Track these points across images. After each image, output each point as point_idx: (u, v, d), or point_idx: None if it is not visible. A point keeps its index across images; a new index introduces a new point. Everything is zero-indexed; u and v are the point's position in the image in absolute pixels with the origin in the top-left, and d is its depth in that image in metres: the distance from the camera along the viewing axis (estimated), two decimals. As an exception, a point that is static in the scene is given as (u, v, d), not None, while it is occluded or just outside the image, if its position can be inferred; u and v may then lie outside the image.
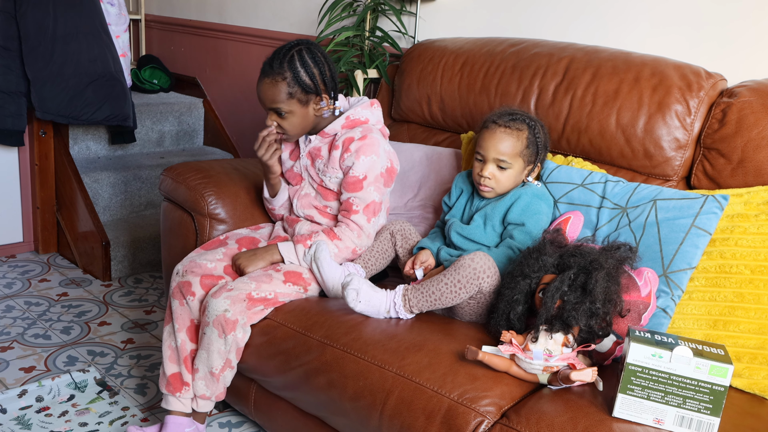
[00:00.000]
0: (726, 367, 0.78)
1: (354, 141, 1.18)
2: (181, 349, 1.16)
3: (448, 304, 1.04)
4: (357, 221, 1.19)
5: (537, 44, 1.37)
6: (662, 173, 1.20)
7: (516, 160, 1.11)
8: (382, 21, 1.80)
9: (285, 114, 1.16)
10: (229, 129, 2.41)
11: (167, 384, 1.17)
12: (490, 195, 1.14)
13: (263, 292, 1.12)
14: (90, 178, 2.01)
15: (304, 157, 1.26)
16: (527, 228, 1.09)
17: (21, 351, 1.53)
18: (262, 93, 1.16)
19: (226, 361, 1.12)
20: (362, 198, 1.19)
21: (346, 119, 1.22)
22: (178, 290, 1.18)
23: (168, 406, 1.17)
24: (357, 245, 1.19)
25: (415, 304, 1.05)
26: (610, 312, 0.92)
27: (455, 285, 1.02)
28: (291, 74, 1.14)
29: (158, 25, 2.61)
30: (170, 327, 1.18)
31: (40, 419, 1.28)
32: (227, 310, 1.09)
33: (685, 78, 1.17)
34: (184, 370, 1.16)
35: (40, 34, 1.81)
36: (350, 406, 0.98)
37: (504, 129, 1.11)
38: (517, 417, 0.86)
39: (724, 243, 1.03)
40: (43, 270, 1.97)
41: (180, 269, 1.20)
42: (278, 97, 1.14)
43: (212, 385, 1.14)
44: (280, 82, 1.14)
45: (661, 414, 0.82)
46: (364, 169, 1.18)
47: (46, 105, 1.85)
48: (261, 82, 1.16)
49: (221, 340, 1.10)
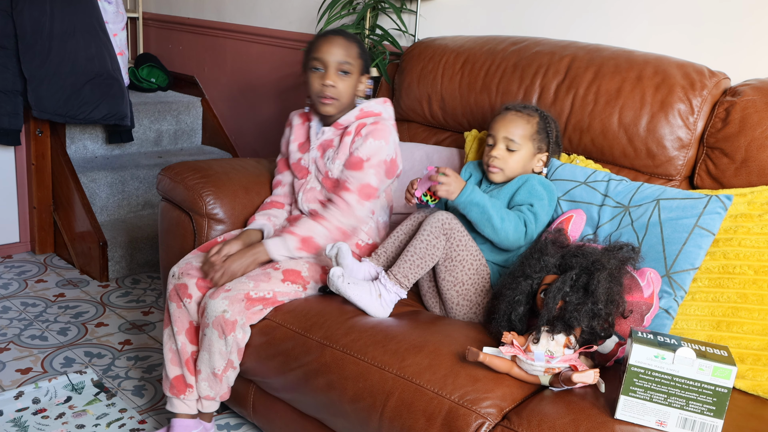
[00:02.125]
0: (729, 368, 0.77)
1: (366, 126, 1.21)
2: (182, 352, 1.15)
3: (428, 262, 1.04)
4: (347, 199, 1.18)
5: (538, 43, 1.36)
6: (665, 173, 1.19)
7: (525, 143, 1.13)
8: (382, 19, 1.79)
9: (348, 73, 1.19)
10: (228, 128, 2.40)
11: (171, 387, 1.16)
12: (498, 177, 1.15)
13: (261, 292, 1.11)
14: (87, 178, 2.00)
15: (315, 149, 1.26)
16: (534, 208, 1.10)
17: (17, 352, 1.52)
18: (336, 47, 1.18)
19: (228, 361, 1.11)
20: (358, 178, 1.19)
21: (360, 111, 1.24)
22: (175, 293, 1.17)
23: (173, 409, 1.16)
24: (343, 224, 1.18)
25: (398, 271, 1.05)
26: (612, 313, 0.91)
27: (426, 238, 1.03)
28: (358, 44, 1.23)
29: (156, 23, 2.59)
30: (169, 330, 1.18)
31: (36, 421, 1.27)
32: (226, 311, 1.08)
33: (688, 77, 1.16)
34: (187, 372, 1.15)
35: (37, 32, 1.80)
36: (350, 407, 0.97)
37: (515, 113, 1.15)
38: (519, 419, 0.85)
39: (727, 243, 1.03)
40: (40, 270, 1.96)
41: (176, 271, 1.19)
42: (351, 53, 1.20)
43: (216, 385, 1.14)
44: (353, 44, 1.21)
45: (664, 416, 0.81)
46: (369, 151, 1.19)
47: (42, 104, 1.84)
48: (332, 39, 1.19)
49: (221, 341, 1.09)
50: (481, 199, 1.05)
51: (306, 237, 1.16)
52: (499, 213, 1.06)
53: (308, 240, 1.16)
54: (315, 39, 1.22)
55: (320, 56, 1.19)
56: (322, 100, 1.20)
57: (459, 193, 1.05)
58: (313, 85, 1.20)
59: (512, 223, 1.06)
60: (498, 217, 1.06)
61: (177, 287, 1.17)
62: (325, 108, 1.21)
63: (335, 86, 1.19)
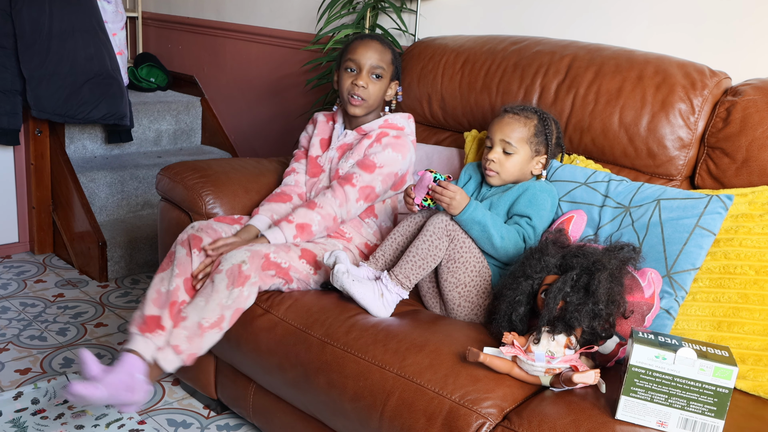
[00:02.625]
0: (730, 368, 0.77)
1: (388, 136, 1.24)
2: (171, 294, 1.09)
3: (430, 263, 1.05)
4: (347, 192, 1.20)
5: (539, 42, 1.36)
6: (666, 173, 1.19)
7: (522, 146, 1.12)
8: (382, 18, 1.79)
9: (380, 77, 1.24)
10: (227, 128, 2.39)
11: (141, 324, 1.07)
12: (495, 181, 1.14)
13: (280, 258, 1.11)
14: (86, 178, 2.00)
15: (334, 149, 1.28)
16: (533, 222, 1.09)
17: (16, 353, 1.51)
18: (371, 51, 1.24)
19: (220, 317, 1.06)
20: (366, 179, 1.21)
21: (384, 121, 1.27)
22: (188, 242, 1.14)
23: (131, 345, 1.05)
24: (338, 214, 1.20)
25: (400, 272, 1.05)
26: (613, 313, 0.91)
27: (429, 239, 1.04)
28: (392, 51, 1.28)
29: (155, 23, 2.59)
30: (167, 273, 1.12)
31: (35, 422, 1.27)
32: (244, 262, 1.06)
33: (689, 76, 1.16)
34: (166, 314, 1.07)
35: (36, 31, 1.80)
36: (350, 406, 0.97)
37: (513, 115, 1.15)
38: (519, 419, 0.85)
39: (728, 243, 1.02)
40: (39, 271, 1.95)
41: (196, 225, 1.18)
42: (385, 58, 1.25)
43: (193, 338, 1.05)
44: (388, 50, 1.27)
45: (665, 416, 0.81)
46: (384, 160, 1.22)
47: (41, 103, 1.83)
48: (369, 43, 1.24)
49: (227, 291, 1.06)
50: (483, 217, 1.04)
51: (301, 224, 1.18)
52: (499, 231, 1.05)
53: (304, 226, 1.18)
54: (352, 41, 1.27)
55: (355, 58, 1.23)
56: (351, 99, 1.24)
57: (462, 210, 1.04)
58: (345, 83, 1.24)
59: (512, 241, 1.06)
60: (498, 236, 1.05)
61: (192, 237, 1.14)
62: (353, 108, 1.25)
63: (366, 88, 1.23)
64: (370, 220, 1.28)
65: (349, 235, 1.26)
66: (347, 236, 1.26)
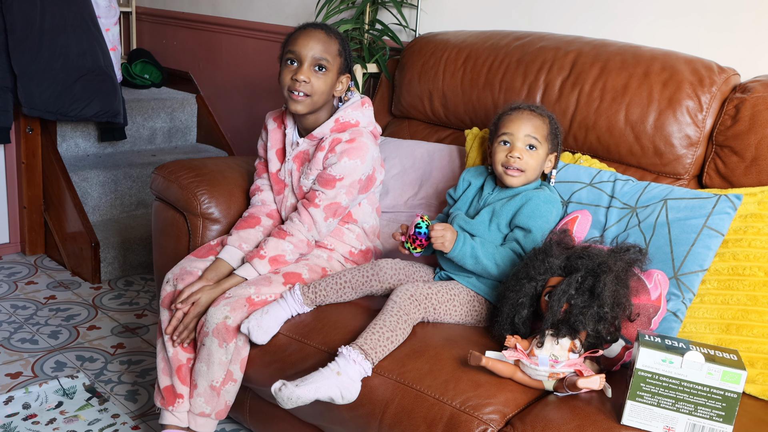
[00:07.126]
0: (739, 372, 0.76)
1: (341, 143, 1.15)
2: (173, 360, 1.12)
3: (400, 336, 0.95)
4: (313, 215, 1.15)
5: (543, 38, 1.34)
6: (673, 171, 1.17)
7: (543, 143, 1.09)
8: (382, 13, 1.76)
9: (325, 70, 1.12)
10: (223, 126, 2.36)
11: (161, 398, 1.13)
12: (517, 181, 1.08)
13: (263, 295, 1.08)
14: (79, 177, 1.97)
15: (290, 161, 1.21)
16: (533, 235, 1.06)
17: (7, 356, 1.49)
18: (313, 41, 1.11)
19: (228, 373, 1.07)
20: (329, 195, 1.15)
21: (335, 122, 1.18)
22: (168, 300, 1.14)
23: (163, 421, 1.13)
24: (308, 238, 1.15)
25: (365, 343, 0.92)
26: (618, 316, 0.89)
27: (397, 312, 0.95)
28: (341, 41, 1.16)
29: (149, 18, 2.55)
30: (162, 339, 1.14)
31: (26, 427, 1.25)
32: (228, 317, 1.05)
33: (697, 73, 1.14)
34: (177, 381, 1.11)
35: (27, 26, 1.77)
36: (348, 415, 0.95)
37: (531, 111, 1.10)
38: (522, 425, 0.83)
39: (737, 244, 1.01)
40: (30, 272, 1.93)
41: (170, 278, 1.16)
42: (330, 49, 1.13)
43: (213, 400, 1.08)
44: (334, 39, 1.14)
45: (672, 422, 0.80)
46: (343, 170, 1.14)
47: (33, 101, 1.80)
48: (311, 32, 1.12)
49: (222, 350, 1.06)
50: (473, 249, 1.02)
51: (274, 257, 1.13)
52: (493, 260, 1.03)
53: (277, 258, 1.13)
54: (294, 31, 1.15)
55: (296, 49, 1.12)
56: (292, 95, 1.12)
57: (452, 246, 1.02)
58: (285, 78, 1.13)
59: (509, 266, 1.03)
60: (493, 265, 1.03)
61: (169, 296, 1.14)
62: (295, 105, 1.12)
63: (308, 82, 1.10)
64: (350, 225, 1.23)
65: (331, 246, 1.22)
66: (329, 247, 1.22)
